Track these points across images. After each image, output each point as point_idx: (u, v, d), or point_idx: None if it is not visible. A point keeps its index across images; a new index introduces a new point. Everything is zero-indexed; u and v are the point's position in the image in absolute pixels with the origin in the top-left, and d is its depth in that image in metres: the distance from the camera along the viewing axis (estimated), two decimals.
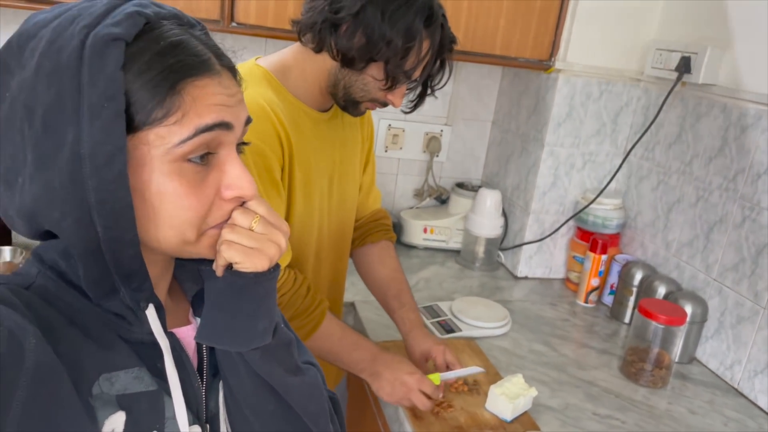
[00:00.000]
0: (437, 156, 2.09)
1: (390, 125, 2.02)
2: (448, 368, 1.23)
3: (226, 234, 0.57)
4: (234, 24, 1.48)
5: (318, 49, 1.06)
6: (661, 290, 1.56)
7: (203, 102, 0.54)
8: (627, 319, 1.67)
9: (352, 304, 1.58)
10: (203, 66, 0.55)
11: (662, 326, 1.36)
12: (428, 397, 1.12)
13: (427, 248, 2.02)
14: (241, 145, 0.61)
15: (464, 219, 1.96)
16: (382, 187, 2.09)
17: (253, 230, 0.58)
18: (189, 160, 0.54)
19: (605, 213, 1.78)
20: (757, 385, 1.35)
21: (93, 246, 0.53)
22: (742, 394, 1.39)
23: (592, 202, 1.76)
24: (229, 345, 0.60)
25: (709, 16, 1.55)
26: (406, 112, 1.20)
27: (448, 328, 1.48)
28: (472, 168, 2.18)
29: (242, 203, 0.59)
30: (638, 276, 1.65)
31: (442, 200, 2.14)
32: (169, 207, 0.54)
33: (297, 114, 1.11)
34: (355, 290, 1.62)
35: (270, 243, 0.59)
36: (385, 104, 1.14)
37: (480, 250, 1.92)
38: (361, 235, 1.38)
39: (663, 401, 1.33)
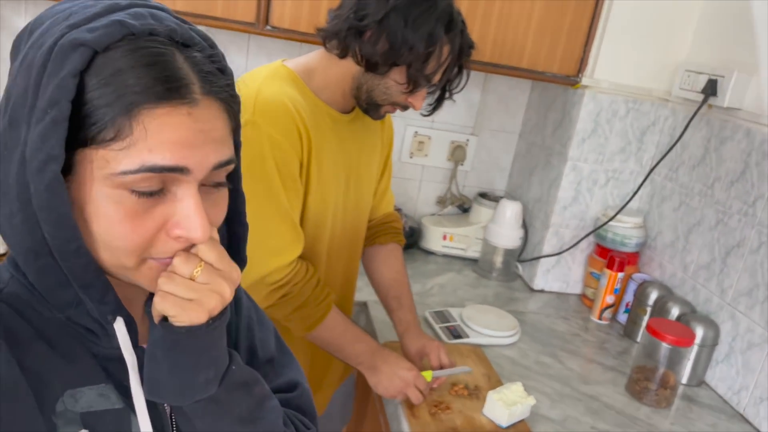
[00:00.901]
0: (462, 165, 2.12)
1: (416, 132, 2.06)
2: (441, 367, 1.26)
3: (162, 284, 0.52)
4: (269, 27, 1.54)
5: (342, 55, 1.12)
6: (675, 311, 1.55)
7: (157, 136, 0.48)
8: (639, 338, 1.67)
9: (364, 304, 1.62)
10: (170, 93, 0.49)
11: (670, 346, 1.36)
12: (421, 393, 1.18)
13: (445, 255, 2.04)
14: (218, 185, 0.56)
15: (484, 229, 1.98)
16: (405, 193, 2.13)
17: (194, 279, 0.53)
18: (133, 191, 0.50)
19: (624, 231, 1.78)
20: (762, 412, 1.34)
21: (43, 251, 0.50)
22: (746, 420, 1.38)
23: (612, 219, 1.77)
24: (170, 399, 0.56)
25: (738, 40, 1.54)
26: (425, 115, 1.25)
27: (455, 333, 1.51)
28: (496, 179, 2.20)
29: (190, 246, 0.54)
30: (653, 296, 1.65)
31: (464, 209, 2.17)
32: (104, 230, 0.50)
33: (319, 114, 1.16)
34: (369, 290, 1.65)
35: (211, 294, 0.54)
36: (405, 107, 1.18)
37: (498, 260, 1.94)
38: (371, 235, 1.42)
39: (665, 421, 1.33)
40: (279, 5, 1.52)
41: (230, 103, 0.55)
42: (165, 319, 0.55)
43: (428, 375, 1.20)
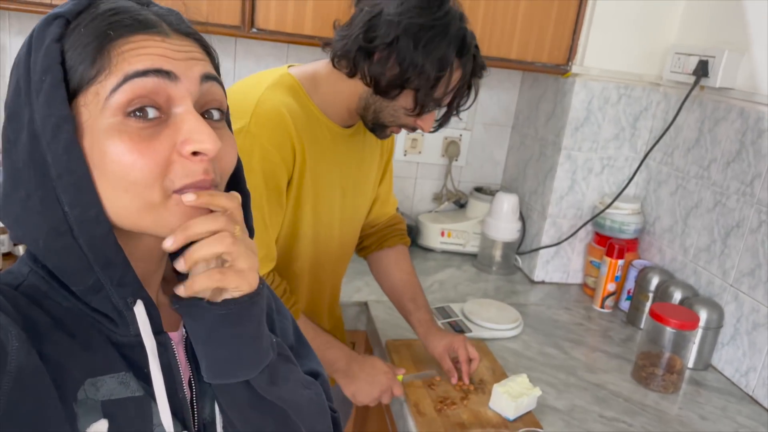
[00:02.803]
0: (456, 160, 2.11)
1: None
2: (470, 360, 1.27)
3: (229, 247, 0.52)
4: (254, 30, 1.53)
5: (351, 74, 1.10)
6: (677, 295, 1.54)
7: (135, 54, 0.51)
8: (643, 325, 1.66)
9: (365, 304, 1.60)
10: (140, 24, 0.52)
11: (674, 331, 1.35)
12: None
13: (444, 251, 2.03)
14: (219, 112, 0.57)
15: (482, 223, 1.97)
16: (401, 191, 2.11)
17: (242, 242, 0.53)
18: (131, 115, 0.50)
19: (622, 218, 1.77)
20: None
21: (62, 229, 0.51)
22: (756, 402, 1.36)
23: (608, 206, 1.75)
24: (242, 375, 0.57)
25: (727, 19, 1.53)
26: (430, 131, 1.22)
27: (458, 328, 1.50)
28: (492, 173, 2.18)
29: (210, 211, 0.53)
30: (654, 281, 1.63)
31: (461, 204, 2.15)
32: (114, 167, 0.50)
33: (317, 127, 1.14)
34: (368, 290, 1.65)
35: (252, 253, 0.54)
36: (413, 129, 1.17)
37: (497, 254, 1.93)
38: (378, 239, 1.41)
39: (674, 406, 1.32)
40: (264, 7, 1.51)
41: (203, 42, 0.57)
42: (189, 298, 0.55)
43: (400, 377, 1.22)
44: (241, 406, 0.60)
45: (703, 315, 1.44)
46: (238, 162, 0.61)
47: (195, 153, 0.52)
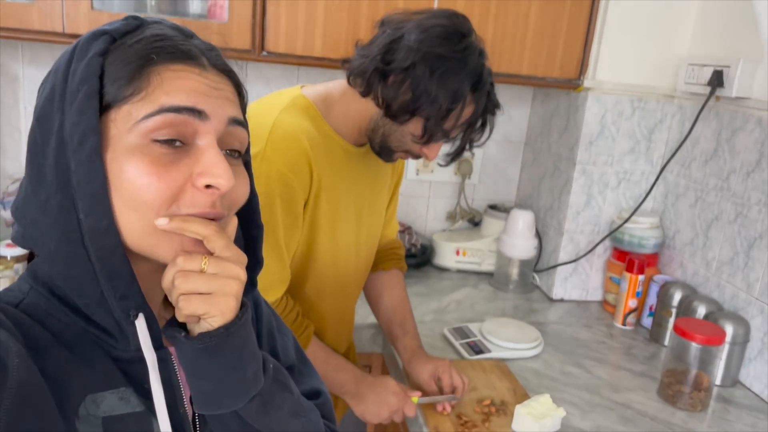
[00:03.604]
0: (469, 178, 2.09)
1: None
2: (455, 387, 1.23)
3: (180, 285, 0.53)
4: (264, 53, 1.53)
5: (365, 94, 1.09)
6: (701, 310, 1.50)
7: (173, 83, 0.53)
8: (667, 342, 1.61)
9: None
10: (182, 54, 0.54)
11: (700, 346, 1.31)
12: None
13: (459, 270, 2.00)
14: (236, 153, 0.58)
15: (497, 241, 1.94)
16: (414, 210, 2.10)
17: (204, 272, 0.53)
18: (156, 141, 0.52)
19: (641, 232, 1.74)
20: None
21: (74, 237, 0.52)
22: None
23: (626, 221, 1.73)
24: (228, 405, 0.57)
25: (740, 29, 1.51)
26: (442, 165, 1.22)
27: (477, 349, 1.46)
28: (505, 190, 2.16)
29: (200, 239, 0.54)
30: (677, 296, 1.59)
31: (475, 222, 2.13)
32: (128, 186, 0.52)
33: (332, 147, 1.13)
34: None
35: (228, 280, 0.54)
36: (418, 156, 1.15)
37: (514, 272, 1.90)
38: (375, 261, 1.40)
39: (702, 425, 1.27)
40: (273, 30, 1.51)
41: (237, 81, 0.59)
42: (184, 329, 0.55)
43: (415, 399, 1.19)
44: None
45: (729, 330, 1.40)
46: (254, 194, 0.63)
47: (207, 186, 0.54)
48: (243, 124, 0.58)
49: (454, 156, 1.18)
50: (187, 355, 0.55)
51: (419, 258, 1.95)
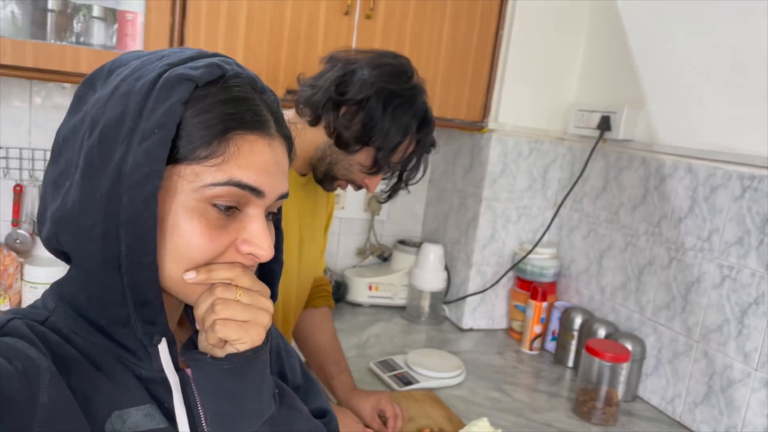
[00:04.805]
0: (378, 215, 2.14)
1: None
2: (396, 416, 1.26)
3: (221, 311, 0.55)
4: None
5: (313, 124, 1.11)
6: (601, 332, 1.64)
7: (247, 158, 0.55)
8: (570, 363, 1.74)
9: None
10: (259, 124, 0.56)
11: (609, 364, 1.43)
12: None
13: (372, 305, 2.03)
14: (270, 214, 0.61)
15: (408, 275, 2.00)
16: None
17: (239, 301, 0.56)
18: (214, 205, 0.55)
19: (542, 262, 1.87)
20: (698, 416, 1.44)
21: (112, 265, 0.53)
22: (684, 426, 1.47)
23: (530, 252, 1.86)
24: (243, 428, 0.59)
25: (623, 79, 1.72)
26: (381, 202, 1.27)
27: (405, 380, 1.49)
28: (412, 226, 2.24)
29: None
30: (578, 321, 1.73)
31: (384, 258, 2.18)
32: (180, 241, 0.54)
33: None
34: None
35: (259, 311, 0.57)
36: (360, 187, 1.19)
37: (425, 304, 1.96)
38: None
39: None
40: None
41: (290, 144, 0.63)
42: (195, 351, 0.58)
43: None
44: None
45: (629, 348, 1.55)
46: (281, 233, 0.66)
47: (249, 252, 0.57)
48: (287, 196, 0.62)
49: (391, 193, 1.22)
50: (211, 376, 0.57)
51: (334, 295, 1.95)
